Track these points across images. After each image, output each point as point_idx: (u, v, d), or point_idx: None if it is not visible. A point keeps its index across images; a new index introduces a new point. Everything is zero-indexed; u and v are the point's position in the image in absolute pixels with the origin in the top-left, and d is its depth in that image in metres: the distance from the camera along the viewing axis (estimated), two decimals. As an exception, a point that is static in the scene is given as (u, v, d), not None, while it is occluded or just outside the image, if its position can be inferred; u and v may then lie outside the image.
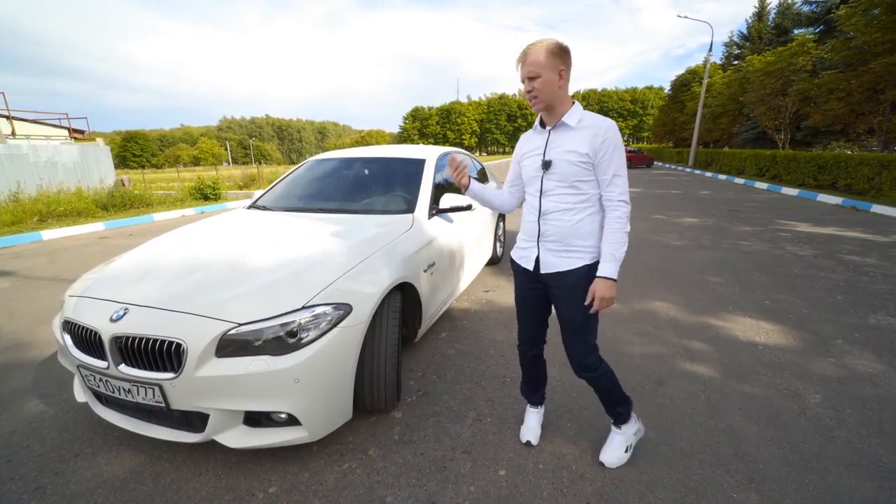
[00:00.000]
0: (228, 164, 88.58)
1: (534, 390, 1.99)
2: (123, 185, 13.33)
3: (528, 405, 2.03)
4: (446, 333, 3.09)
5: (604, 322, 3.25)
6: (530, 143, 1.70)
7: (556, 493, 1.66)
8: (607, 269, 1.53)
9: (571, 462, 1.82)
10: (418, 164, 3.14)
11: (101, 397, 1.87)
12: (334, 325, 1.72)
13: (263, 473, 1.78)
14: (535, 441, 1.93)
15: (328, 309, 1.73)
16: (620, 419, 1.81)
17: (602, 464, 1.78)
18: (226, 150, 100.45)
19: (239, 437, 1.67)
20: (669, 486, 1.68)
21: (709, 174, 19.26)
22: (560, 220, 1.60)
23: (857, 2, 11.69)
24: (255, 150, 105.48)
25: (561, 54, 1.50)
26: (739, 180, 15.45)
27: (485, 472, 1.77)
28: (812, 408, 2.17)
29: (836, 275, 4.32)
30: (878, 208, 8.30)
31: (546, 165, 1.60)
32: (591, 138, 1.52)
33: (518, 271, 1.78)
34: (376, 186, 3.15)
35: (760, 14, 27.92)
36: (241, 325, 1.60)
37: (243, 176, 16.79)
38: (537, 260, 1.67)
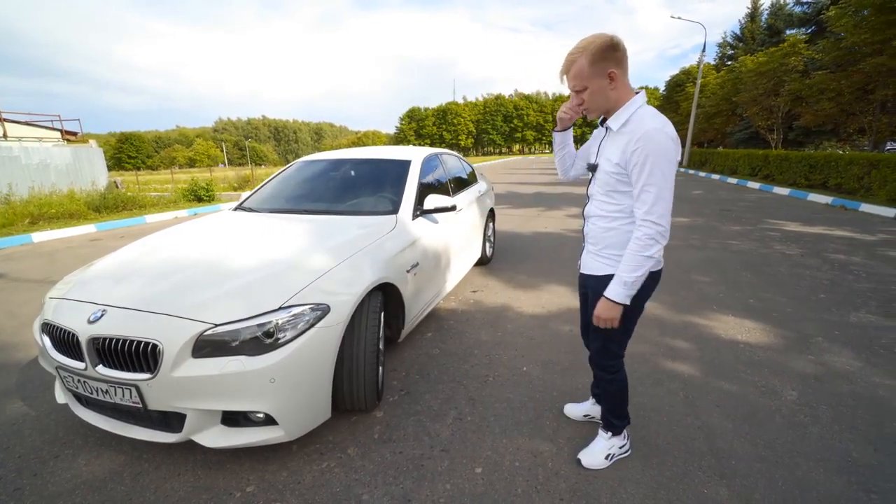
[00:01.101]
0: (224, 165, 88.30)
1: (596, 385, 2.04)
2: (116, 186, 13.28)
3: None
4: (432, 333, 3.10)
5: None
6: (593, 140, 1.64)
7: (530, 489, 1.68)
8: (611, 289, 1.46)
9: (548, 459, 1.85)
10: (404, 166, 3.16)
11: (81, 398, 1.88)
12: (311, 326, 1.73)
13: (242, 473, 1.79)
14: (567, 413, 2.13)
15: (306, 309, 1.74)
16: (611, 429, 1.82)
17: (579, 461, 1.81)
18: (221, 151, 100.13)
19: (216, 437, 1.68)
20: (642, 482, 1.71)
21: (702, 174, 19.37)
22: (596, 226, 1.59)
23: (846, 3, 11.81)
24: (250, 151, 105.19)
25: (607, 55, 1.37)
26: (732, 180, 15.53)
27: (461, 469, 1.79)
28: (788, 405, 2.20)
29: (822, 273, 4.37)
30: (866, 207, 8.38)
31: (592, 169, 1.59)
32: (624, 146, 1.39)
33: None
34: (362, 188, 3.16)
35: (753, 15, 28.11)
36: (217, 325, 1.62)
37: (237, 177, 16.76)
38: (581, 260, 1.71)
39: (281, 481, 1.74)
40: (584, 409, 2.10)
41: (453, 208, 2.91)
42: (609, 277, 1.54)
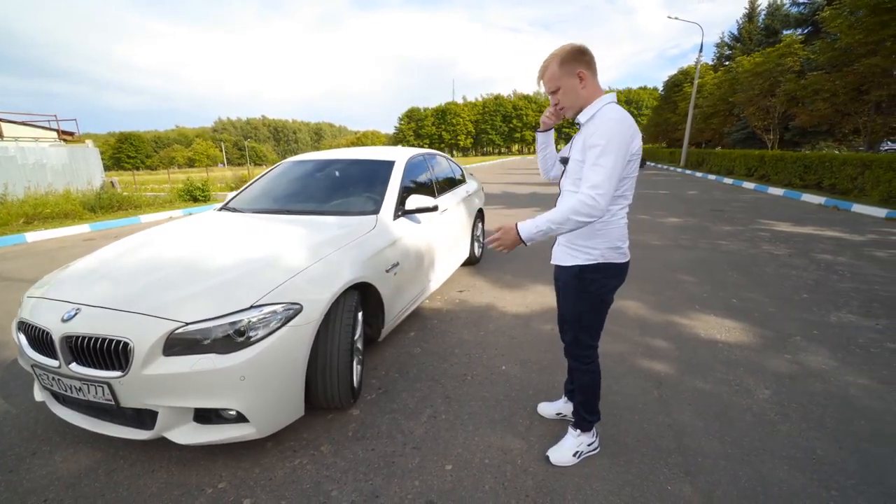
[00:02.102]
0: (223, 165, 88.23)
1: (570, 381, 2.06)
2: (112, 186, 13.30)
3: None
4: (415, 333, 3.13)
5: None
6: (570, 142, 1.71)
7: (497, 486, 1.71)
8: (525, 222, 1.49)
9: (517, 457, 1.87)
10: (387, 166, 3.19)
11: (58, 396, 1.91)
12: (283, 324, 1.76)
13: (215, 469, 1.82)
14: (540, 411, 2.16)
15: (278, 308, 1.77)
16: (582, 425, 1.85)
17: (548, 458, 1.83)
18: (221, 151, 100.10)
19: (188, 434, 1.71)
20: (608, 479, 1.73)
21: (699, 174, 19.39)
22: None
23: (841, 3, 11.84)
24: (250, 151, 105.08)
25: (576, 57, 1.51)
26: (728, 180, 15.57)
27: (431, 466, 1.82)
28: (759, 403, 2.23)
29: (807, 273, 4.40)
30: (858, 207, 8.41)
31: (564, 162, 1.69)
32: (589, 135, 1.48)
33: None
34: (345, 188, 3.19)
35: (751, 15, 28.13)
36: (187, 324, 1.64)
37: (235, 177, 16.79)
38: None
39: (253, 478, 1.77)
40: (557, 407, 2.13)
41: (435, 209, 2.94)
42: (577, 268, 1.63)
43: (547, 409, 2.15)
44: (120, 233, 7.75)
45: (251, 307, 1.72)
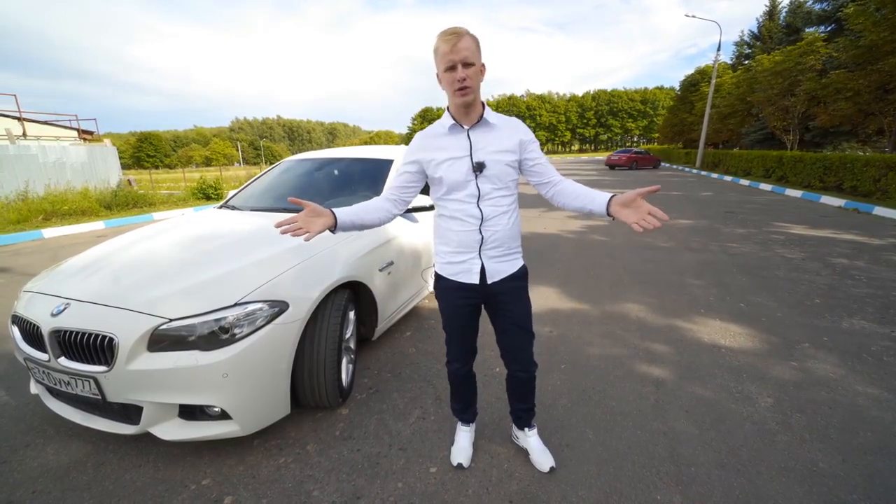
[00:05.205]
0: (240, 164, 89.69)
1: (467, 407, 1.88)
2: (130, 184, 13.61)
3: (460, 424, 1.90)
4: (411, 332, 3.11)
5: (570, 323, 3.25)
6: (443, 143, 1.50)
7: (480, 490, 1.68)
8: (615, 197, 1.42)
9: (504, 461, 1.84)
10: (385, 165, 3.17)
11: (51, 390, 1.94)
12: (268, 322, 1.75)
13: (201, 466, 1.82)
14: (466, 463, 1.79)
15: (263, 306, 1.77)
16: (533, 415, 1.83)
17: (553, 469, 1.74)
18: (237, 150, 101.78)
19: (173, 430, 1.72)
20: (595, 487, 1.68)
21: (715, 175, 18.98)
22: (500, 224, 1.53)
23: (865, 0, 11.45)
24: (265, 150, 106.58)
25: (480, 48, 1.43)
26: (745, 182, 15.19)
27: (416, 468, 1.79)
28: (760, 412, 2.14)
29: (821, 278, 4.25)
30: (880, 210, 8.11)
31: (479, 168, 1.47)
32: (516, 135, 1.51)
33: (451, 287, 1.61)
34: (343, 187, 3.18)
35: (772, 13, 27.41)
36: (171, 320, 1.65)
37: (247, 176, 17.03)
38: (482, 271, 1.56)
39: (237, 475, 1.77)
40: (471, 439, 1.91)
41: (432, 208, 2.90)
42: (523, 267, 1.67)
43: (466, 454, 1.84)
44: (132, 230, 7.91)
45: (235, 304, 1.72)
